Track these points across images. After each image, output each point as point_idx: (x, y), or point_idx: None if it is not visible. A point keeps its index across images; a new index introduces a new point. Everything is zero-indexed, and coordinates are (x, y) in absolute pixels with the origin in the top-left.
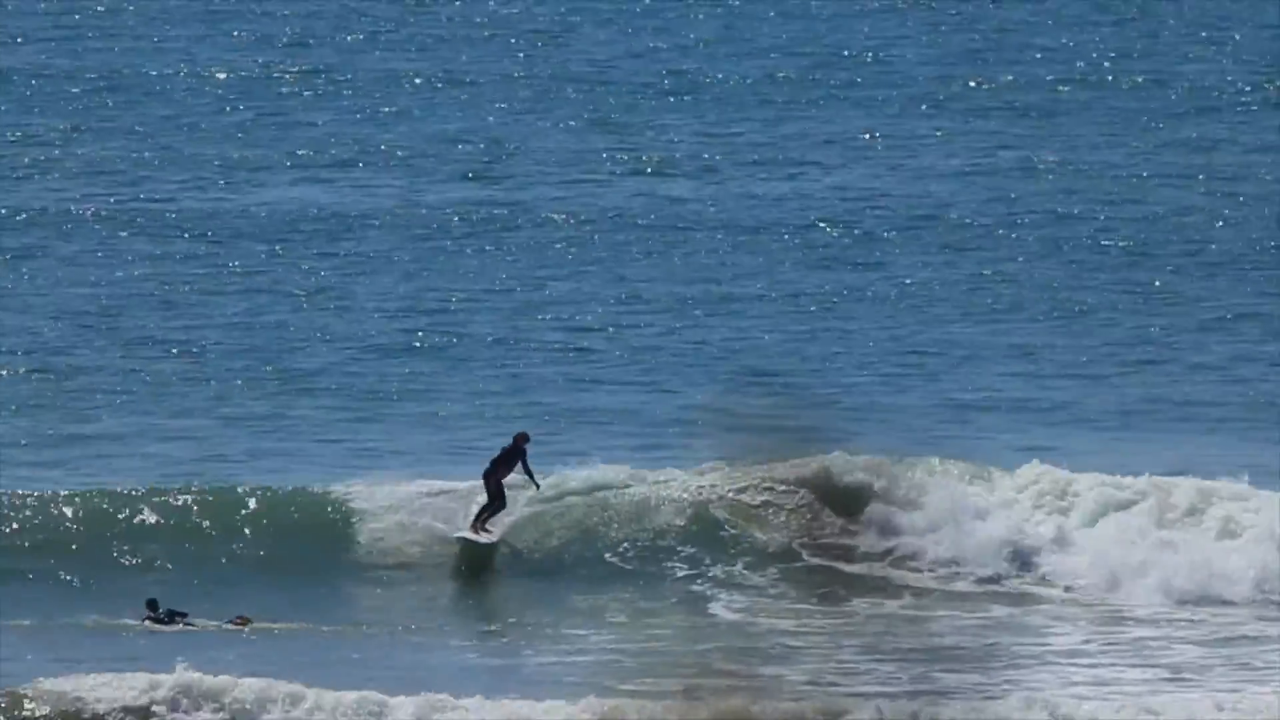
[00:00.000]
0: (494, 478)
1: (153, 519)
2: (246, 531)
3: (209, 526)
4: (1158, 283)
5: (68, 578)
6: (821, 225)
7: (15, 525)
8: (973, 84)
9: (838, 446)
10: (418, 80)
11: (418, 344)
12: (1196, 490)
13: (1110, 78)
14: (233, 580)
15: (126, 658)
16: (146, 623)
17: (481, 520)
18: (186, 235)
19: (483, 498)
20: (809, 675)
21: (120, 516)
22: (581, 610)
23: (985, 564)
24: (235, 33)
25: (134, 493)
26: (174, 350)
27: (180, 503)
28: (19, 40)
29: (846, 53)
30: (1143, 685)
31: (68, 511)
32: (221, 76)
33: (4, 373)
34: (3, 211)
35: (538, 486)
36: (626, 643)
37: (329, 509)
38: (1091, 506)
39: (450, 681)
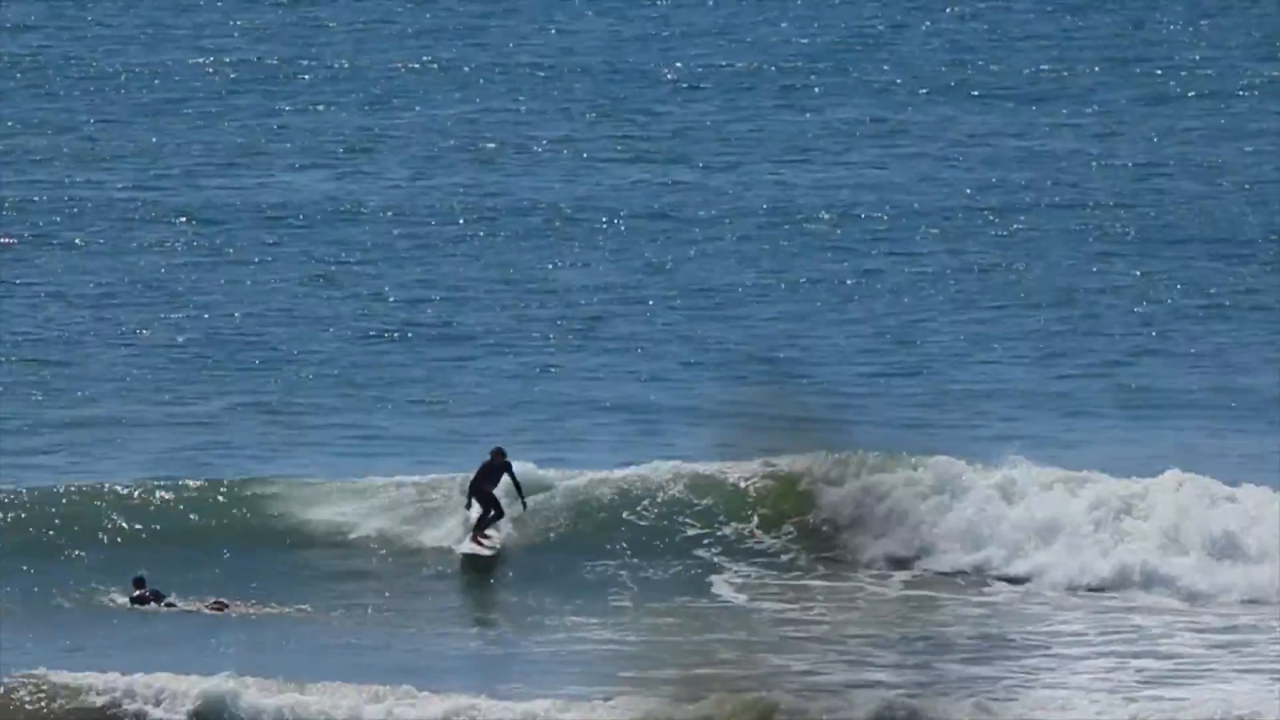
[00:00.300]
0: (481, 490)
1: (150, 506)
2: (243, 520)
3: (206, 514)
4: (1161, 271)
5: (65, 567)
6: (824, 214)
7: (13, 513)
8: (976, 72)
9: (840, 437)
10: (418, 67)
11: (419, 333)
12: (1201, 486)
13: (1113, 65)
14: (228, 568)
15: (124, 647)
16: (134, 605)
17: (480, 530)
18: (187, 223)
19: (476, 510)
20: (812, 667)
21: (119, 504)
22: (584, 599)
23: (988, 556)
24: (236, 19)
25: (133, 480)
26: (175, 338)
27: (178, 490)
28: (25, 27)
29: (851, 41)
30: (1146, 677)
31: (67, 500)
32: (223, 64)
33: (4, 360)
34: (5, 199)
35: (525, 506)
36: (630, 633)
37: (326, 499)
38: (1098, 501)
39: (452, 673)
